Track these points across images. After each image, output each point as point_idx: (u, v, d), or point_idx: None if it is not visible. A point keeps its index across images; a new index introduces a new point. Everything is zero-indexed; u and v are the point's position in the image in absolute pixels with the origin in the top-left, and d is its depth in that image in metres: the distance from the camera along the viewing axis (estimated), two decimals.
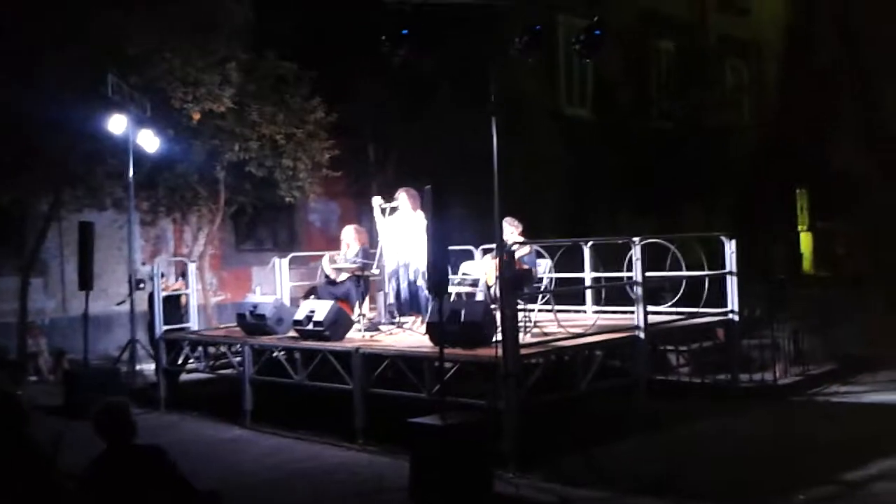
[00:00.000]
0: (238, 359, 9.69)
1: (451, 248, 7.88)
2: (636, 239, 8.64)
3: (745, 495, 6.61)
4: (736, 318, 9.63)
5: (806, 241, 21.35)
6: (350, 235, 10.32)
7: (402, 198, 9.79)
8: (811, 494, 6.37)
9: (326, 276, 10.32)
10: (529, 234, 10.00)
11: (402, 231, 9.84)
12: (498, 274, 8.08)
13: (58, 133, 11.71)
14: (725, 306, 9.67)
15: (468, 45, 13.02)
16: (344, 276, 10.09)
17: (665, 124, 19.39)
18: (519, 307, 7.77)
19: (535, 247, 9.78)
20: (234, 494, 6.31)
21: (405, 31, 7.61)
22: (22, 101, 11.15)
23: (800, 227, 21.03)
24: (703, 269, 10.00)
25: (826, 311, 12.02)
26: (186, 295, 11.46)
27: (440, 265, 7.08)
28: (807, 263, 20.79)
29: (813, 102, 20.69)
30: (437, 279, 7.14)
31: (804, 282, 18.02)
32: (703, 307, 9.72)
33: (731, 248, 9.60)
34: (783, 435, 8.30)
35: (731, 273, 9.58)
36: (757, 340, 10.90)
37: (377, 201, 9.91)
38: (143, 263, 13.95)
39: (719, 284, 9.75)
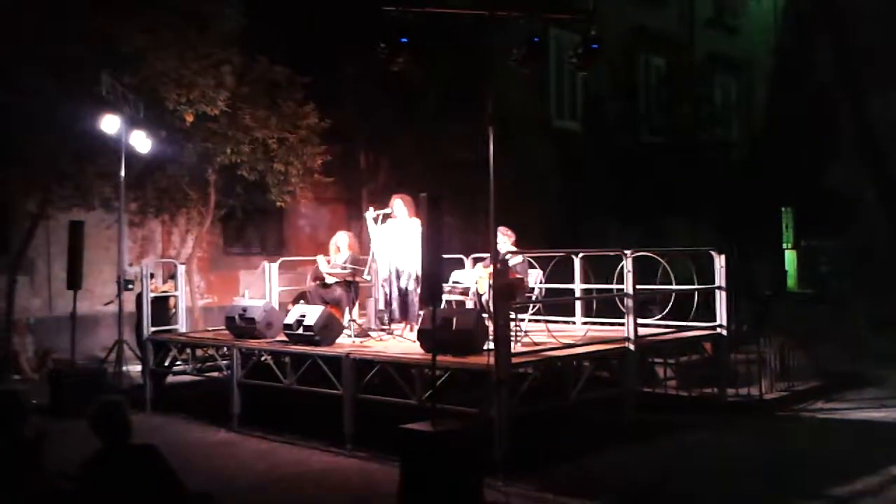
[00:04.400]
0: (226, 362, 9.67)
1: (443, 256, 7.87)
2: (628, 251, 8.69)
3: None
4: (724, 332, 9.68)
5: (791, 258, 21.49)
6: (343, 240, 10.29)
7: (398, 204, 9.81)
8: None
9: (318, 278, 10.30)
10: (518, 245, 10.04)
11: (395, 237, 9.84)
12: (491, 282, 8.09)
13: (48, 131, 11.64)
14: (713, 320, 9.72)
15: (461, 55, 13.14)
16: (333, 280, 10.09)
17: (654, 139, 19.53)
18: (510, 316, 7.79)
19: (527, 257, 9.82)
20: (221, 498, 6.27)
21: (404, 40, 7.62)
22: (11, 98, 11.08)
23: (785, 245, 21.16)
24: (692, 283, 10.06)
25: (812, 328, 12.10)
26: (175, 297, 11.40)
27: (435, 272, 7.08)
28: (791, 281, 20.92)
29: (800, 121, 20.92)
30: (432, 286, 7.14)
31: (788, 299, 18.15)
32: (690, 321, 9.79)
33: (720, 262, 9.62)
34: (769, 449, 8.34)
35: (720, 288, 9.62)
36: (743, 355, 10.97)
37: (369, 214, 9.92)
38: (131, 264, 13.86)
39: (707, 298, 9.81)
